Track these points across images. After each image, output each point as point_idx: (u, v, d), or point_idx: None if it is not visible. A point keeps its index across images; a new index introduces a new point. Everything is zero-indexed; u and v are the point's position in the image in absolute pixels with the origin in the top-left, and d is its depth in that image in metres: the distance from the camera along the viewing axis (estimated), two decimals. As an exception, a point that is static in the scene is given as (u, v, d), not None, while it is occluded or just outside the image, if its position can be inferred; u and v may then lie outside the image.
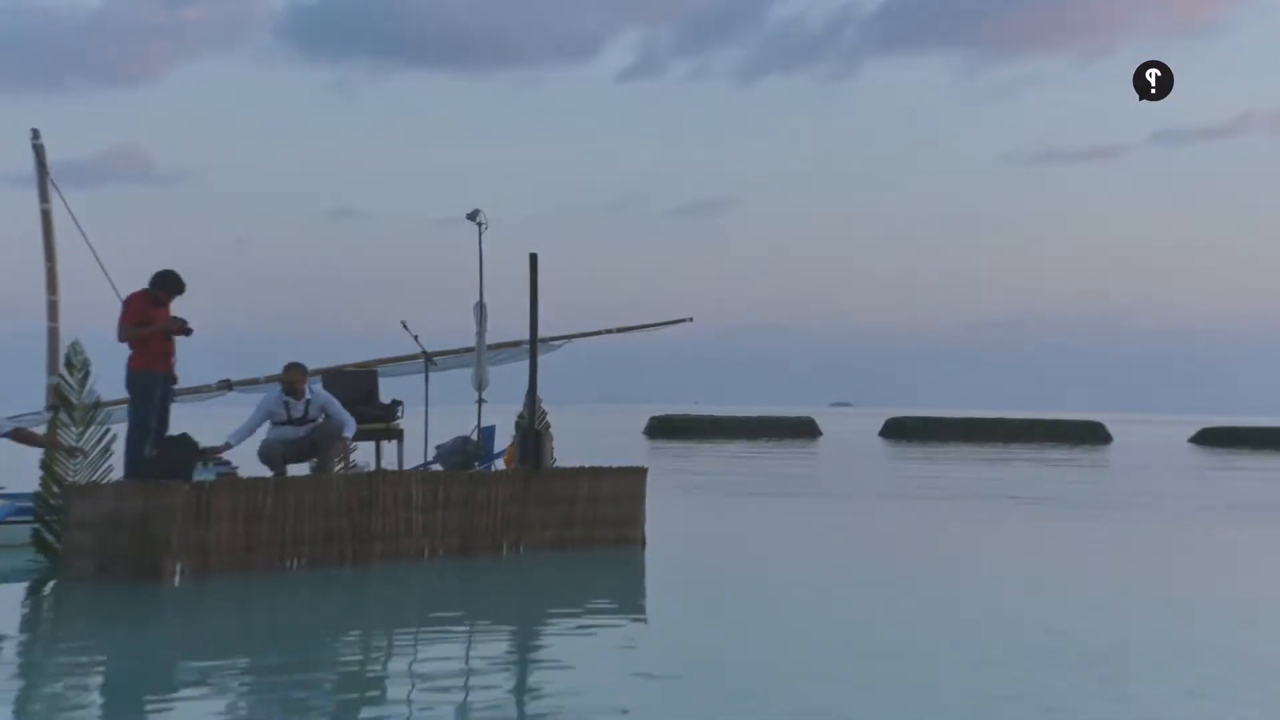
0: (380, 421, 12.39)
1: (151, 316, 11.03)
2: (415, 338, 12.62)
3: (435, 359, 13.14)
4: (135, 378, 11.00)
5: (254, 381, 13.43)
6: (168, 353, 11.12)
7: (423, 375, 13.36)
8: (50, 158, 12.51)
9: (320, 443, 11.55)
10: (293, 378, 11.63)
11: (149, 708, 6.32)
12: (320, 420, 11.56)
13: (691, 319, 16.01)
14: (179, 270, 11.28)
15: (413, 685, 7.08)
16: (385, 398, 12.62)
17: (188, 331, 11.08)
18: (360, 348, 13.17)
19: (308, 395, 11.64)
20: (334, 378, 12.86)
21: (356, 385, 12.60)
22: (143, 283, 11.25)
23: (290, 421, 11.53)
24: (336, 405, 11.65)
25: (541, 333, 13.51)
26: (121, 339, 10.98)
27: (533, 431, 13.33)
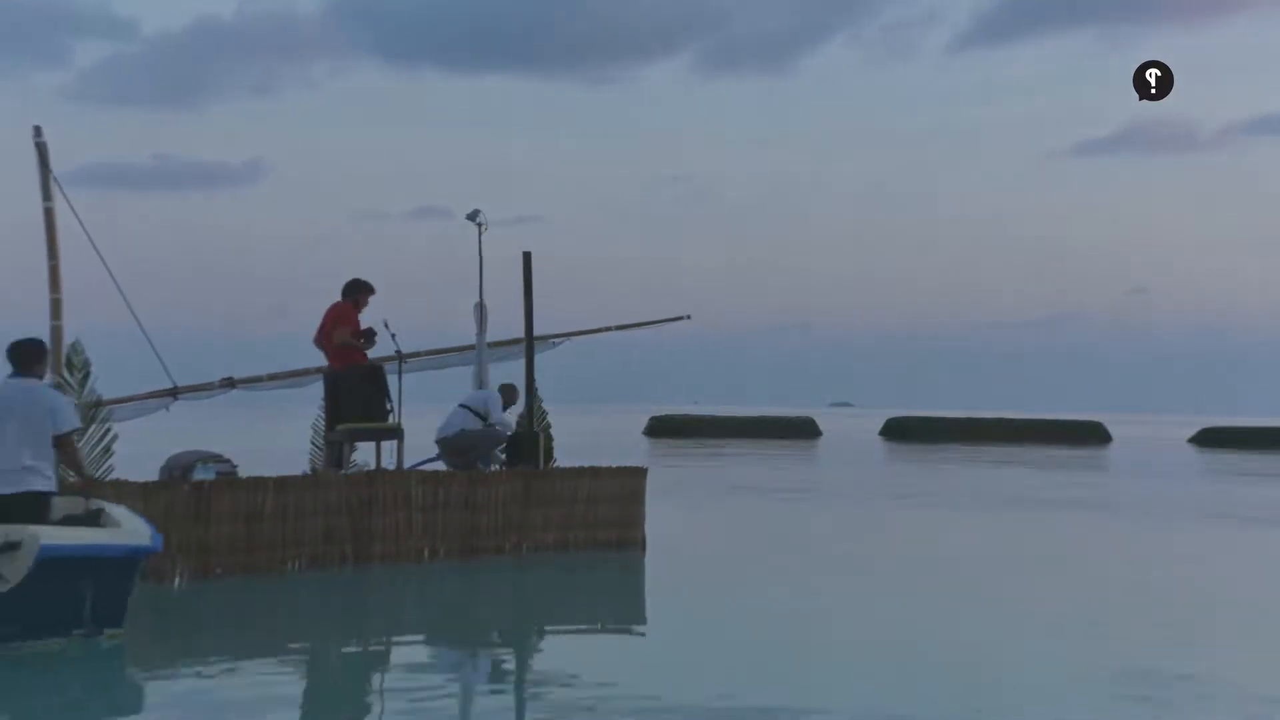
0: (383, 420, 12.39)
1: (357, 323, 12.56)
2: (393, 336, 12.55)
3: (407, 359, 12.96)
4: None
5: (257, 379, 13.39)
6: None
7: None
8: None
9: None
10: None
11: (148, 708, 6.32)
12: None
13: (689, 316, 16.00)
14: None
15: (412, 687, 7.08)
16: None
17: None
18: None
19: None
20: (338, 377, 12.82)
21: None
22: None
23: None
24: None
25: (551, 329, 13.56)
26: (335, 343, 12.28)
27: (531, 431, 13.34)
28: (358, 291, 12.50)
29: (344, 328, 12.27)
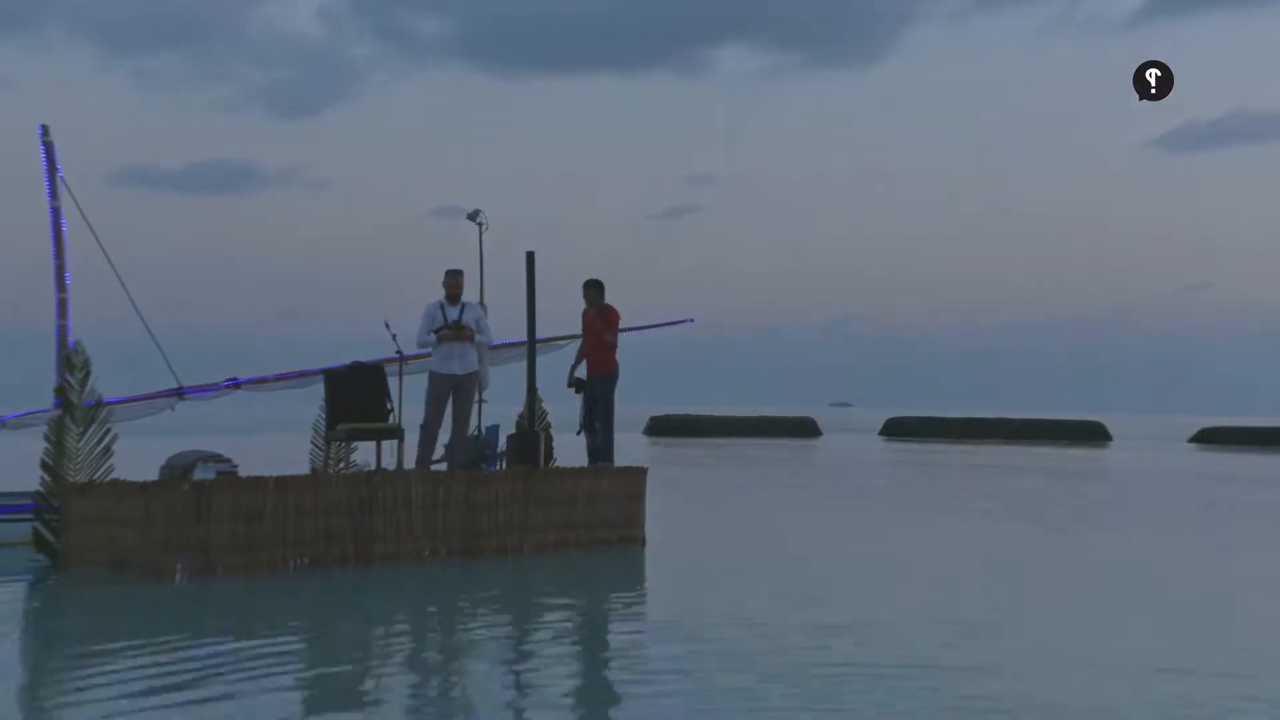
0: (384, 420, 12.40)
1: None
2: (394, 337, 12.55)
3: (407, 360, 12.95)
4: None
5: (261, 380, 13.41)
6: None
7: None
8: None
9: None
10: (453, 283, 12.64)
11: (148, 707, 6.32)
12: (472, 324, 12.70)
13: (693, 319, 16.00)
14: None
15: (412, 687, 7.09)
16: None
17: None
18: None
19: (463, 302, 12.73)
20: (339, 378, 12.84)
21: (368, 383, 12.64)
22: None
23: (447, 325, 12.55)
24: (485, 320, 12.91)
25: (557, 330, 13.63)
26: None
27: (531, 431, 13.35)
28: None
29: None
